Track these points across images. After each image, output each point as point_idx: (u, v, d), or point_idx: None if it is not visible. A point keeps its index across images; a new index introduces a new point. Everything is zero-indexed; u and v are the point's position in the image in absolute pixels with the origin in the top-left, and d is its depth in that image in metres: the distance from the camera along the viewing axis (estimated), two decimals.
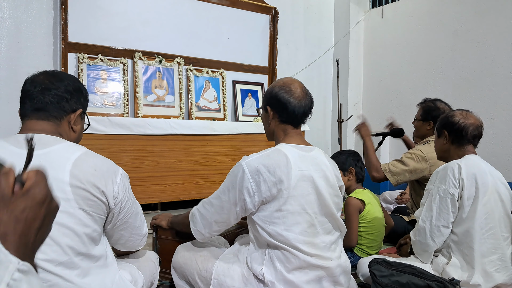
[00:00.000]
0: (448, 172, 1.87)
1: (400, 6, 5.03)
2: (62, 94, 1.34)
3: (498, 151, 4.05)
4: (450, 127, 2.01)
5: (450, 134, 2.01)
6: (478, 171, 1.87)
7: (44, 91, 1.32)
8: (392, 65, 5.11)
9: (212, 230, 1.69)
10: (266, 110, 1.73)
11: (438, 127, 2.09)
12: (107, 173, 1.31)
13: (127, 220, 1.41)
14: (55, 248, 1.18)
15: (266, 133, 1.80)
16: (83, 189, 1.23)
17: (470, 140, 1.98)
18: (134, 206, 1.44)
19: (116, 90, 3.66)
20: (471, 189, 1.84)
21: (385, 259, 1.89)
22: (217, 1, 4.27)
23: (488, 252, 1.82)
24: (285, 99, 1.64)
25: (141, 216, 1.51)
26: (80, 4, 3.52)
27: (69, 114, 1.36)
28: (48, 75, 1.36)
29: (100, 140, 3.24)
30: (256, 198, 1.54)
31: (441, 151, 2.10)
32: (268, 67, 4.71)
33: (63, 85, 1.35)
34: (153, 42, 3.91)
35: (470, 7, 4.28)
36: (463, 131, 1.97)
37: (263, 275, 1.56)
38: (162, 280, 2.07)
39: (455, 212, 1.86)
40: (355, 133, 3.07)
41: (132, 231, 1.46)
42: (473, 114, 2.04)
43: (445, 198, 1.86)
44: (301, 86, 1.70)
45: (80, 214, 1.23)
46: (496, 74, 4.08)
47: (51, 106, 1.32)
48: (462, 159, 1.92)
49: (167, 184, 3.59)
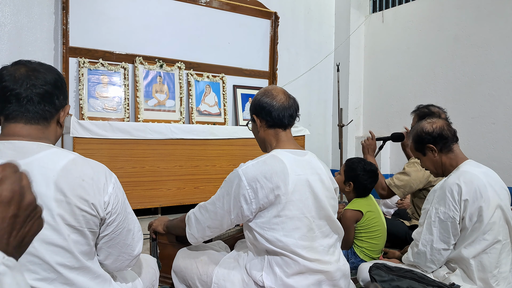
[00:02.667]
0: (447, 193, 1.80)
1: (401, 10, 5.05)
2: (52, 90, 1.20)
3: (499, 156, 4.04)
4: (431, 139, 1.94)
5: (435, 145, 1.94)
6: (478, 186, 1.79)
7: (32, 88, 1.16)
8: (393, 69, 5.11)
9: (205, 234, 1.70)
10: (254, 121, 1.76)
11: (418, 147, 2.01)
12: (97, 182, 1.18)
13: (116, 236, 1.27)
14: (45, 267, 1.11)
15: (258, 144, 1.82)
16: (69, 204, 1.12)
17: (453, 138, 1.94)
18: (126, 221, 1.29)
19: (117, 94, 3.67)
20: (473, 208, 1.77)
21: (385, 264, 1.88)
22: (218, 6, 4.29)
23: (491, 267, 1.78)
24: (268, 103, 1.68)
25: (135, 235, 1.35)
26: (81, 9, 3.54)
27: (58, 112, 1.24)
28: (30, 69, 1.19)
29: (101, 144, 3.24)
30: (254, 205, 1.55)
31: (436, 167, 2.00)
32: (268, 72, 4.72)
33: (52, 80, 1.20)
34: (154, 46, 3.92)
35: (471, 12, 4.29)
36: (443, 133, 1.92)
37: (262, 281, 1.55)
38: (162, 285, 2.06)
39: (456, 235, 1.81)
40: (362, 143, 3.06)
41: (121, 250, 1.30)
42: (434, 118, 2.01)
43: (446, 222, 1.79)
44: (283, 90, 1.74)
45: (67, 231, 1.13)
46: (497, 79, 4.09)
47: (42, 106, 1.18)
48: (459, 176, 1.83)
49: (167, 188, 3.59)
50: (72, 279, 1.15)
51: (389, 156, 5.10)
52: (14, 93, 1.15)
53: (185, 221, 1.75)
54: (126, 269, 1.41)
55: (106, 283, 1.28)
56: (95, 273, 1.23)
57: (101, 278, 1.27)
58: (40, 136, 1.18)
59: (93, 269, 1.22)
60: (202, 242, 1.81)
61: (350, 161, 2.53)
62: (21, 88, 1.15)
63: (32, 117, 1.17)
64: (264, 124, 1.71)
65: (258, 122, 1.72)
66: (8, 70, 1.18)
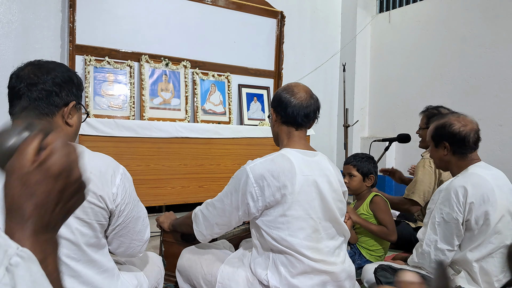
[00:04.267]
0: (452, 195, 1.77)
1: (408, 11, 5.02)
2: (51, 88, 1.20)
3: (506, 158, 4.01)
4: (450, 138, 1.85)
5: (451, 146, 1.86)
6: (485, 189, 1.76)
7: (31, 86, 1.18)
8: (399, 70, 5.09)
9: (213, 232, 1.69)
10: (271, 114, 1.75)
11: (435, 136, 1.92)
12: (105, 174, 1.21)
13: (127, 224, 1.31)
14: None
15: (272, 137, 1.81)
16: None
17: (473, 147, 1.86)
18: (135, 209, 1.34)
19: (123, 92, 3.67)
20: (479, 212, 1.75)
21: (391, 265, 1.88)
22: (224, 5, 4.28)
23: (497, 271, 1.76)
24: (286, 99, 1.66)
25: (144, 221, 1.40)
26: (88, 7, 3.54)
27: (61, 109, 1.23)
28: (34, 67, 1.22)
29: (106, 142, 3.25)
30: (260, 203, 1.54)
31: (441, 162, 1.95)
32: (274, 71, 4.71)
33: (50, 78, 1.21)
34: (160, 45, 3.92)
35: (478, 12, 4.26)
36: (465, 140, 1.83)
37: (267, 280, 1.55)
38: (166, 283, 2.06)
39: (460, 236, 1.79)
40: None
41: (132, 237, 1.35)
42: (468, 118, 1.90)
43: (450, 223, 1.77)
44: (306, 89, 1.70)
45: (75, 223, 1.15)
46: (504, 80, 4.05)
47: (40, 103, 1.19)
48: (467, 178, 1.80)
49: (172, 187, 3.59)
50: (79, 272, 1.17)
51: (394, 157, 5.08)
52: (16, 91, 1.18)
53: (191, 218, 1.75)
54: (137, 255, 1.46)
55: (113, 278, 1.30)
56: (102, 266, 1.25)
57: (109, 272, 1.28)
58: None
59: (99, 263, 1.24)
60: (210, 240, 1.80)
61: (358, 160, 2.51)
62: (21, 85, 1.18)
63: (32, 113, 1.19)
64: (279, 119, 1.70)
65: (274, 116, 1.71)
66: (16, 70, 1.22)
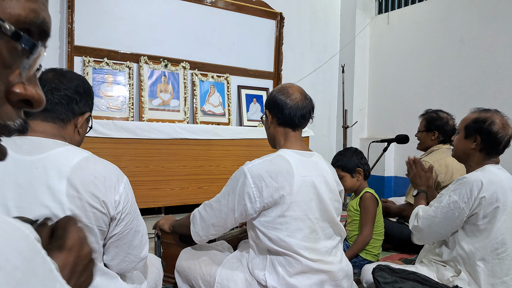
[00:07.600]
0: (467, 186, 1.76)
1: (406, 12, 5.03)
2: (72, 95, 1.25)
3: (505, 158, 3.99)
4: (486, 135, 1.82)
5: (483, 142, 1.84)
6: (500, 188, 1.77)
7: (54, 90, 1.22)
8: (398, 71, 5.10)
9: (209, 233, 1.69)
10: (266, 116, 1.75)
11: (470, 127, 1.87)
12: (109, 180, 1.21)
13: (124, 236, 1.28)
14: None
15: (268, 139, 1.81)
16: (81, 200, 1.14)
17: (501, 151, 1.87)
18: (135, 222, 1.31)
19: (122, 94, 3.68)
20: (489, 208, 1.75)
21: (389, 265, 1.88)
22: (223, 6, 4.29)
23: (502, 273, 1.75)
24: (281, 101, 1.66)
25: (143, 237, 1.36)
26: (86, 8, 3.55)
27: (77, 117, 1.27)
28: (57, 73, 1.27)
29: (105, 143, 3.25)
30: (258, 204, 1.54)
31: (463, 153, 1.92)
32: (273, 72, 4.72)
33: (73, 85, 1.26)
34: (159, 46, 3.93)
35: (477, 14, 4.27)
36: (498, 142, 1.82)
37: (265, 280, 1.55)
38: (165, 285, 2.06)
39: (458, 226, 1.81)
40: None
41: (128, 250, 1.32)
42: (510, 121, 1.87)
43: (453, 210, 1.78)
44: (300, 90, 1.71)
45: None
46: (502, 82, 4.06)
47: (59, 108, 1.23)
48: (485, 173, 1.80)
49: (171, 188, 3.59)
50: None
51: (393, 158, 5.09)
52: None
53: (190, 219, 1.75)
54: (131, 272, 1.42)
55: (112, 279, 1.30)
56: (101, 270, 1.25)
57: (108, 275, 1.28)
58: (55, 133, 1.22)
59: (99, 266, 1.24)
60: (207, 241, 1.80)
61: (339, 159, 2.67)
62: (43, 88, 1.19)
63: (49, 115, 1.22)
64: (275, 121, 1.70)
65: (270, 118, 1.71)
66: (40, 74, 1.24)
